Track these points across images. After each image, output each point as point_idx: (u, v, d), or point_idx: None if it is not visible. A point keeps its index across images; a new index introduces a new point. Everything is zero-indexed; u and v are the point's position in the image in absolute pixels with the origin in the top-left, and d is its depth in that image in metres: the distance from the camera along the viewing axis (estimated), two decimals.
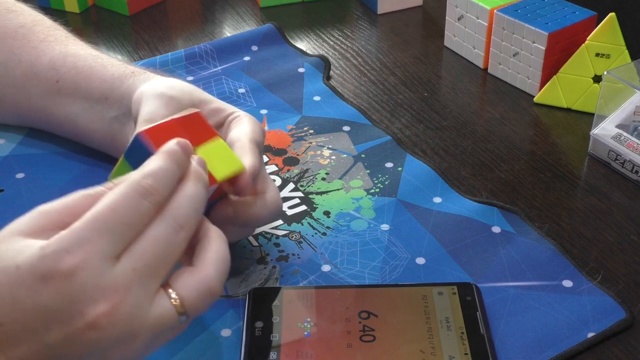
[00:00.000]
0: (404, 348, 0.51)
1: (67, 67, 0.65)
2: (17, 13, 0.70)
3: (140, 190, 0.41)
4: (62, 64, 0.65)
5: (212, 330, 0.53)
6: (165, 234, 0.42)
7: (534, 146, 0.74)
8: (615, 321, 0.55)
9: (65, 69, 0.65)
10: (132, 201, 0.41)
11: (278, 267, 0.59)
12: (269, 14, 0.96)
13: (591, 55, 0.75)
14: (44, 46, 0.67)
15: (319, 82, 0.81)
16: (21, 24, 0.69)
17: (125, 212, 0.41)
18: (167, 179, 0.43)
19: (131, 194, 0.41)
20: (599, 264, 0.60)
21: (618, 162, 0.69)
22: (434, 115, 0.77)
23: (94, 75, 0.64)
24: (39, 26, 0.69)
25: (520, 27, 0.78)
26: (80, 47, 0.67)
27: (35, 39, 0.68)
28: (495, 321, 0.54)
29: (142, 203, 0.41)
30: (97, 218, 0.40)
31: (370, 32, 0.93)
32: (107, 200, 0.41)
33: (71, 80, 0.65)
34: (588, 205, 0.66)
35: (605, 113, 0.72)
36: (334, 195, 0.66)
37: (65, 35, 0.69)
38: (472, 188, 0.68)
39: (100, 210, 0.40)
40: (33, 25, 0.69)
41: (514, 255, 0.60)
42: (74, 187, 0.66)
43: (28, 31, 0.68)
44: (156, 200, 0.42)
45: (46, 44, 0.67)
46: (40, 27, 0.69)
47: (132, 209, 0.41)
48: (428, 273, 0.58)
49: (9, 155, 0.69)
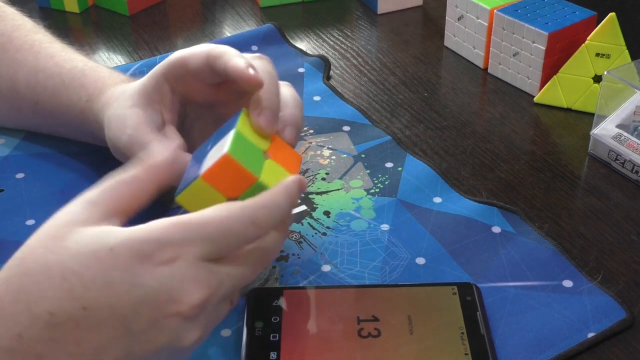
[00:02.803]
0: (404, 348, 0.51)
1: (40, 87, 0.65)
2: (0, 18, 0.69)
3: (254, 221, 0.43)
4: (35, 83, 0.65)
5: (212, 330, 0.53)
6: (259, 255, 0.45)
7: (534, 146, 0.74)
8: (616, 321, 0.55)
9: (39, 89, 0.65)
10: (242, 225, 0.43)
11: (278, 267, 0.59)
12: (269, 14, 0.96)
13: (591, 55, 0.75)
14: (19, 58, 0.66)
15: (318, 82, 0.81)
16: (1, 32, 0.68)
17: (233, 234, 0.42)
18: (277, 216, 0.45)
19: (244, 219, 0.43)
20: (599, 264, 0.60)
21: (618, 162, 0.69)
22: (434, 115, 0.77)
23: (62, 102, 0.64)
24: (18, 31, 0.68)
25: (520, 27, 0.78)
26: (49, 57, 0.66)
27: (12, 48, 0.67)
28: (495, 321, 0.54)
29: (249, 229, 0.43)
30: (208, 226, 0.42)
31: (370, 32, 0.93)
32: (222, 216, 0.42)
33: (47, 103, 0.65)
34: (588, 205, 0.66)
35: (606, 113, 0.72)
36: (334, 195, 0.66)
37: (40, 40, 0.68)
38: (472, 188, 0.68)
39: (214, 220, 0.42)
40: (13, 31, 0.68)
41: (514, 255, 0.60)
42: (74, 187, 0.66)
43: (7, 40, 0.68)
44: (262, 231, 0.44)
45: (21, 55, 0.66)
46: (19, 32, 0.68)
47: (238, 232, 0.43)
48: (428, 273, 0.58)
49: (9, 155, 0.69)
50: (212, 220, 0.42)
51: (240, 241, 0.43)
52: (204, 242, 0.41)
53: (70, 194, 0.65)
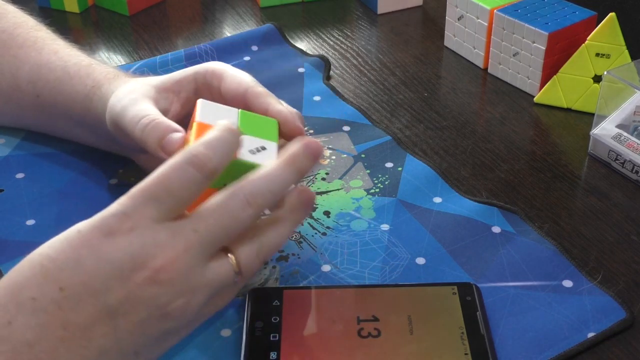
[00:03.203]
0: (404, 348, 0.51)
1: (42, 81, 0.65)
2: (0, 16, 0.69)
3: (191, 159, 0.43)
4: (38, 77, 0.65)
5: (212, 330, 0.53)
6: (232, 207, 0.43)
7: (534, 146, 0.74)
8: (616, 321, 0.55)
9: (41, 83, 0.65)
10: (180, 170, 0.42)
11: (278, 267, 0.59)
12: (269, 14, 0.96)
13: (591, 55, 0.75)
14: (22, 54, 0.66)
15: (319, 82, 0.81)
16: (3, 29, 0.68)
17: (170, 182, 0.42)
18: (222, 147, 0.44)
19: (180, 162, 0.43)
20: (599, 264, 0.60)
21: (618, 162, 0.69)
22: (434, 115, 0.77)
23: (65, 92, 0.64)
24: (20, 28, 0.68)
25: (520, 27, 0.78)
26: (53, 52, 0.66)
27: (15, 44, 0.67)
28: (495, 321, 0.54)
29: (189, 171, 0.42)
30: (147, 188, 0.42)
31: (370, 32, 0.93)
32: (159, 170, 0.43)
33: (49, 95, 0.65)
34: (588, 205, 0.66)
35: (605, 113, 0.72)
36: (334, 195, 0.66)
37: (42, 36, 0.68)
38: (472, 188, 0.68)
39: (149, 179, 0.42)
40: (15, 28, 0.68)
41: (514, 255, 0.60)
42: (74, 187, 0.66)
43: (9, 37, 0.68)
44: (209, 168, 0.43)
45: (23, 51, 0.67)
46: (21, 29, 0.68)
47: (179, 178, 0.42)
48: (428, 273, 0.58)
49: (9, 155, 0.69)
50: (151, 180, 0.42)
51: (185, 187, 0.42)
52: (150, 202, 0.42)
53: (70, 194, 0.66)
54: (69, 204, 0.64)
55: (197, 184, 0.43)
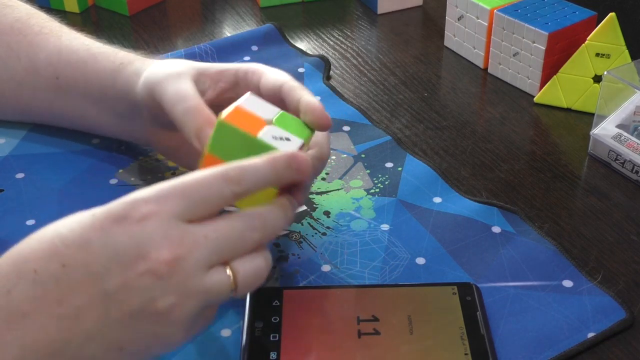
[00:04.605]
0: (404, 348, 0.51)
1: (63, 62, 0.66)
2: (12, 8, 0.70)
3: (226, 177, 0.44)
4: (58, 60, 0.66)
5: (212, 330, 0.53)
6: (241, 228, 0.44)
7: (534, 146, 0.74)
8: (616, 321, 0.55)
9: (62, 64, 0.66)
10: (215, 183, 0.44)
11: (278, 267, 0.59)
12: (269, 14, 0.96)
13: (591, 55, 0.75)
14: (39, 40, 0.67)
15: (319, 82, 0.81)
16: (16, 19, 0.69)
17: (205, 189, 0.43)
18: (255, 178, 0.45)
19: (217, 177, 0.44)
20: (599, 264, 0.60)
21: (618, 162, 0.69)
22: (434, 115, 0.77)
23: (88, 71, 0.64)
24: (34, 19, 0.70)
25: (520, 27, 0.78)
26: (73, 38, 0.68)
27: (31, 32, 0.68)
28: (495, 321, 0.54)
29: (223, 187, 0.44)
30: (180, 184, 0.43)
31: (370, 32, 0.93)
32: (195, 175, 0.44)
33: (69, 76, 0.65)
34: (588, 205, 0.66)
35: (605, 113, 0.72)
36: (334, 195, 0.66)
37: (59, 26, 0.70)
38: (472, 188, 0.68)
39: (186, 179, 0.43)
40: (28, 18, 0.69)
41: (514, 255, 0.60)
42: (74, 187, 0.66)
43: (23, 25, 0.69)
44: (237, 191, 0.44)
45: (41, 37, 0.68)
46: (35, 19, 0.70)
47: (213, 188, 0.43)
48: (428, 273, 0.58)
49: (9, 155, 0.69)
50: (188, 179, 0.43)
51: (215, 198, 0.43)
52: (178, 198, 0.42)
53: (70, 194, 0.66)
54: (69, 204, 0.64)
55: (225, 200, 0.44)
